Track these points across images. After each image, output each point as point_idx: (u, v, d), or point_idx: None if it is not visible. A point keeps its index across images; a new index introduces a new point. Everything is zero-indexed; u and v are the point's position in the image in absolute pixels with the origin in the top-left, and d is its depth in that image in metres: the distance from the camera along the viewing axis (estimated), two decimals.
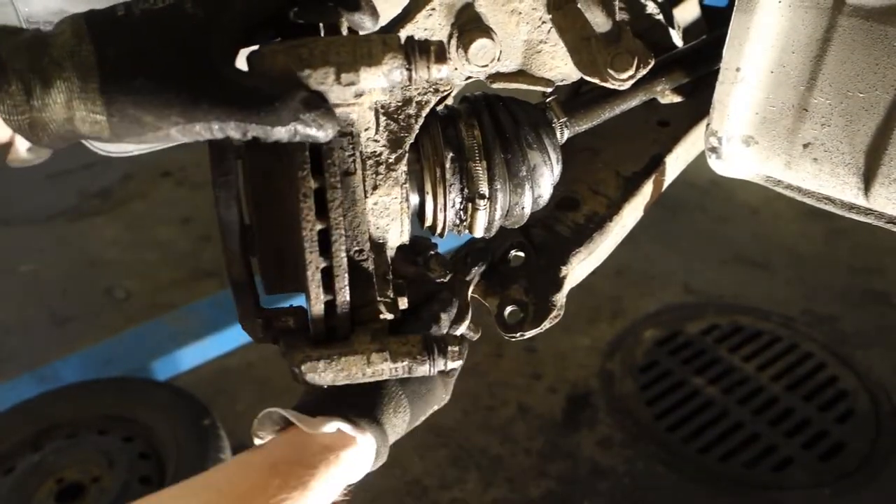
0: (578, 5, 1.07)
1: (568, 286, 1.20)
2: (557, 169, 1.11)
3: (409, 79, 0.86)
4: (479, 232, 1.09)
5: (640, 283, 4.00)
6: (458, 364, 0.97)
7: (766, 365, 3.56)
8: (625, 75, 1.12)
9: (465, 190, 1.05)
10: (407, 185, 1.01)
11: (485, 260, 1.20)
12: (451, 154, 1.04)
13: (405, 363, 0.94)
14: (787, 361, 3.58)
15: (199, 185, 4.81)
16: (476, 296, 1.20)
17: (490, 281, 1.21)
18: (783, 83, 1.08)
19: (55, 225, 4.53)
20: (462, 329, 1.13)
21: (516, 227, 1.14)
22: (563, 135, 1.16)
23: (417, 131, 1.01)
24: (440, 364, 0.95)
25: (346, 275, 0.89)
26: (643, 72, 1.12)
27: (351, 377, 0.94)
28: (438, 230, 1.09)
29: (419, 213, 1.08)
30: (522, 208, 1.09)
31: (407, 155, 1.00)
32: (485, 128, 1.06)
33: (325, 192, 0.87)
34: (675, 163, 1.31)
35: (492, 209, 1.06)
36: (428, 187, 1.05)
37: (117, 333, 3.55)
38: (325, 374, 0.93)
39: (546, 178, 1.09)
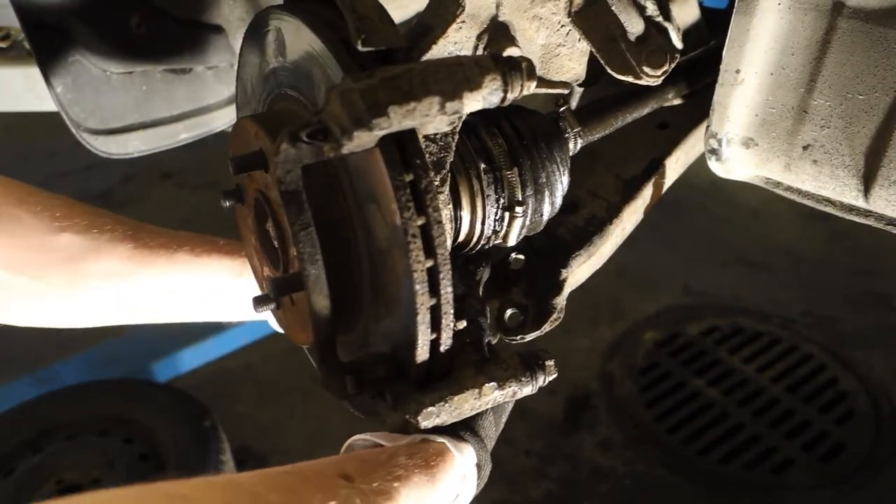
0: (613, 8, 1.07)
1: (568, 289, 1.19)
2: (566, 179, 1.11)
3: (503, 100, 0.80)
4: (513, 241, 1.07)
5: (640, 285, 4.00)
6: (553, 377, 0.93)
7: (766, 366, 3.56)
8: (660, 71, 1.12)
9: (501, 199, 1.04)
10: (450, 206, 0.99)
11: (487, 261, 1.17)
12: (482, 164, 1.02)
13: (512, 388, 0.90)
14: (787, 363, 3.58)
15: (199, 187, 4.81)
16: None
17: (490, 284, 1.20)
18: (783, 85, 1.08)
19: None
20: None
21: (532, 234, 1.13)
22: (577, 144, 1.15)
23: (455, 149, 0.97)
24: (540, 381, 0.91)
25: (453, 311, 0.84)
26: (672, 66, 1.13)
27: (462, 414, 0.88)
28: (472, 244, 1.07)
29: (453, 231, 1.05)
30: (541, 215, 1.08)
31: (450, 175, 0.97)
32: (507, 135, 1.05)
33: (430, 230, 0.81)
34: (675, 165, 1.31)
35: (524, 216, 1.05)
36: (464, 202, 1.02)
37: (117, 335, 3.55)
38: (438, 418, 0.87)
39: (559, 185, 1.09)
